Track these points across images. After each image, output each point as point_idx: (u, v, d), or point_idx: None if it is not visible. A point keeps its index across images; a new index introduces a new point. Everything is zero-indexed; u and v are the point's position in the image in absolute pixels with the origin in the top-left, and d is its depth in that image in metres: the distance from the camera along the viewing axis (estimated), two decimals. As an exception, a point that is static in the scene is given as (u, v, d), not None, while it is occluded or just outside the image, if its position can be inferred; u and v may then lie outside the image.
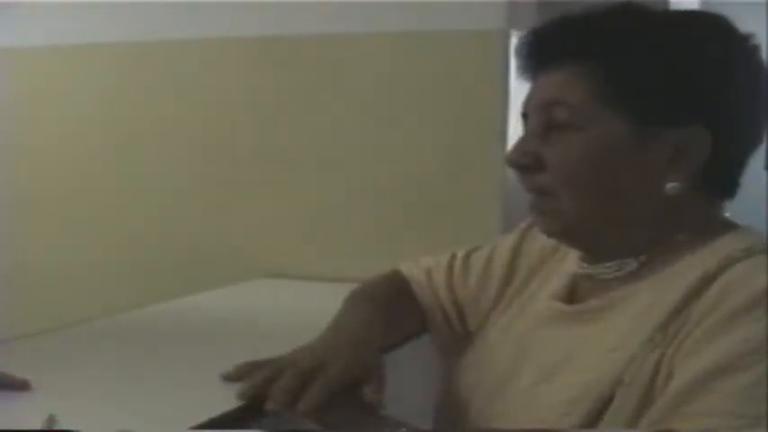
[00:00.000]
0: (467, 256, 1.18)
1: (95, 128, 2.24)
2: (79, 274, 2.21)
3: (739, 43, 0.89)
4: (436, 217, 1.91)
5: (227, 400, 1.01)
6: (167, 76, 2.16)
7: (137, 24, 2.15)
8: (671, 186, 0.87)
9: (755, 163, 0.93)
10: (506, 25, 1.80)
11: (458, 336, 1.15)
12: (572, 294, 0.97)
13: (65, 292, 2.18)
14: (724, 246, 0.85)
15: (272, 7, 2.01)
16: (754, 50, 0.89)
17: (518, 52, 0.97)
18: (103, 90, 2.23)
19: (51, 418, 0.87)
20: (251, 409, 1.02)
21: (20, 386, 1.04)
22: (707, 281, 0.80)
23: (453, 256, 1.20)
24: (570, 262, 0.99)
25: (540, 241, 1.07)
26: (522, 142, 0.94)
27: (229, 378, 1.04)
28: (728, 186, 0.92)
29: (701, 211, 0.90)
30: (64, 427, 0.86)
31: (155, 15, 2.12)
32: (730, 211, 0.96)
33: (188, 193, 2.15)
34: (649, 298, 0.85)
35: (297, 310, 1.68)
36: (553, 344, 0.92)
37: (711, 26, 0.90)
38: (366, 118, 1.97)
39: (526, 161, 0.92)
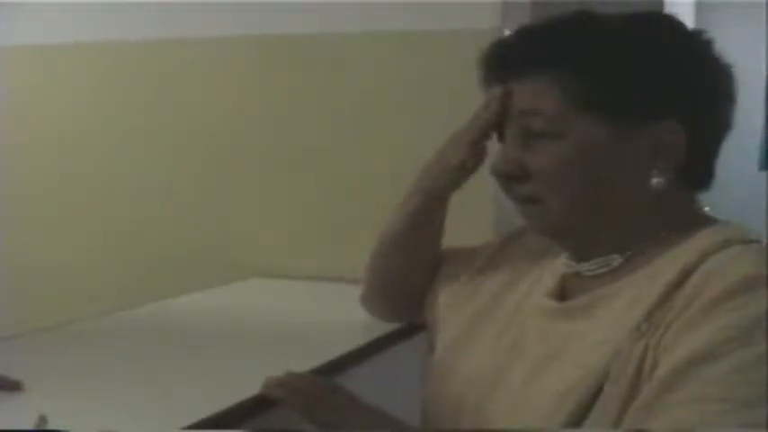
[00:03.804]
0: (455, 251, 1.23)
1: (91, 128, 2.22)
2: (73, 273, 2.20)
3: (692, 38, 0.94)
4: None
5: (219, 399, 1.01)
6: (164, 76, 2.14)
7: (133, 23, 2.13)
8: (657, 181, 0.90)
9: (753, 163, 0.95)
10: (501, 24, 1.81)
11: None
12: (563, 292, 0.99)
13: (60, 291, 2.17)
14: (703, 239, 0.88)
15: (269, 6, 2.00)
16: (707, 44, 0.93)
17: (483, 63, 0.99)
18: (99, 90, 2.21)
19: (42, 419, 0.86)
20: (246, 409, 1.02)
21: (12, 386, 1.04)
22: (687, 272, 0.84)
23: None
24: (560, 261, 1.02)
25: (530, 242, 1.09)
26: (504, 151, 0.98)
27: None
28: (704, 177, 0.95)
29: (681, 206, 0.94)
30: (55, 428, 0.86)
31: (152, 14, 2.11)
32: (729, 210, 0.98)
33: (182, 194, 2.13)
34: (634, 292, 0.88)
35: (290, 310, 1.68)
36: (545, 339, 0.94)
37: (664, 25, 0.95)
38: (361, 117, 1.97)
39: (510, 169, 0.95)
